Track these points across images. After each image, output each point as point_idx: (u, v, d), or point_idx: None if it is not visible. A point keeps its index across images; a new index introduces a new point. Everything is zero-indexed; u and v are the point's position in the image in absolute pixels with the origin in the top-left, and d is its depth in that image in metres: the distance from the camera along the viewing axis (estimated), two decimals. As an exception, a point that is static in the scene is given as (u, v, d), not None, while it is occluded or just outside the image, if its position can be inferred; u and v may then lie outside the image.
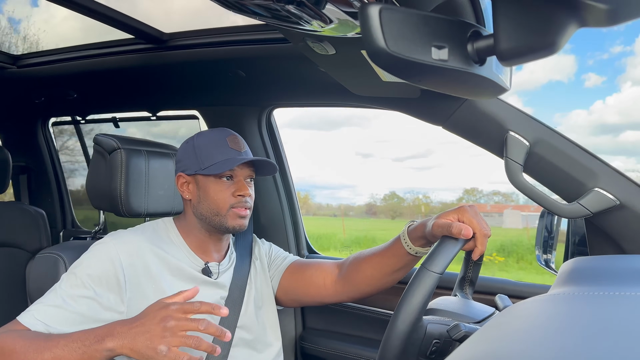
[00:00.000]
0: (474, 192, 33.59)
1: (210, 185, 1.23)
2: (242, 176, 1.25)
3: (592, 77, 45.27)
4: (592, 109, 56.35)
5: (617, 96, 51.40)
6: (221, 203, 1.22)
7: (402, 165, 66.92)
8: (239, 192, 1.23)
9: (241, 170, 1.25)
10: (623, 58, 51.21)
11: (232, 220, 1.23)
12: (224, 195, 1.22)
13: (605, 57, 49.67)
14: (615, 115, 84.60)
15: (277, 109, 1.87)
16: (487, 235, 1.02)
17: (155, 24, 1.49)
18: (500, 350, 0.36)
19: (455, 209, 1.06)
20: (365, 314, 1.70)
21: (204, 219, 1.25)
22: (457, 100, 1.17)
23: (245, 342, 1.26)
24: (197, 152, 1.23)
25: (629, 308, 0.49)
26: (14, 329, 1.05)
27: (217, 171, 1.20)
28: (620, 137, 63.33)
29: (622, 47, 52.03)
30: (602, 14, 0.37)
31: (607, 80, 46.41)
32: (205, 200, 1.23)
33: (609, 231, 1.08)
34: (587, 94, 50.18)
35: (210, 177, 1.22)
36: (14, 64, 1.86)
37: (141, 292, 1.14)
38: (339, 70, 1.09)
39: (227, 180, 1.23)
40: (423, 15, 0.44)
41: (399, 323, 0.88)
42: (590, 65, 48.76)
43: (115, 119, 2.24)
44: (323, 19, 0.66)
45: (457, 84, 0.51)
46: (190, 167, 1.24)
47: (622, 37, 53.06)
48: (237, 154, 1.23)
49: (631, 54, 53.51)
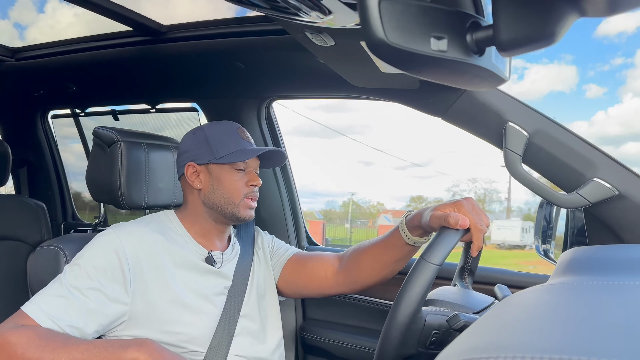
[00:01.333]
0: (419, 200, 36.55)
1: (225, 175, 1.25)
2: (252, 167, 1.29)
3: (593, 88, 45.66)
4: (593, 120, 56.59)
5: (619, 107, 51.54)
6: (235, 192, 1.25)
7: (404, 173, 66.81)
8: (252, 182, 1.27)
9: (252, 161, 1.29)
10: (624, 70, 51.63)
11: (244, 211, 1.26)
12: (239, 185, 1.25)
13: (607, 69, 50.06)
14: (616, 126, 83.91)
15: (277, 114, 1.87)
16: (482, 230, 1.01)
17: (154, 16, 1.49)
18: (500, 340, 0.36)
19: (453, 202, 1.06)
20: (365, 305, 1.71)
21: (215, 208, 1.26)
22: (456, 91, 1.16)
23: (248, 332, 1.27)
24: (211, 142, 1.25)
25: (628, 297, 0.49)
26: (23, 323, 1.04)
27: (234, 160, 1.23)
28: (622, 149, 63.27)
29: (623, 59, 52.36)
30: (601, 4, 0.37)
31: (608, 91, 46.78)
32: (220, 189, 1.25)
33: (608, 221, 1.08)
34: (589, 104, 50.57)
35: (225, 166, 1.25)
36: (12, 57, 1.86)
37: (145, 283, 1.15)
38: (338, 61, 1.09)
39: (240, 171, 1.26)
40: (422, 6, 0.44)
41: (399, 314, 0.88)
42: (592, 76, 49.10)
43: (114, 112, 2.23)
44: (322, 10, 0.66)
45: (456, 75, 0.51)
46: (202, 157, 1.25)
47: (623, 49, 53.29)
48: (248, 144, 1.27)
49: (632, 65, 53.74)
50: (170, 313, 1.15)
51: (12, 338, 1.01)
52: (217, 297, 1.24)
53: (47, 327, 1.04)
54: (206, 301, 1.21)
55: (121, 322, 1.14)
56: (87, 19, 2.45)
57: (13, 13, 20.91)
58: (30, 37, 26.96)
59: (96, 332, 1.11)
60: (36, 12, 31.52)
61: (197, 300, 1.19)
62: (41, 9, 31.94)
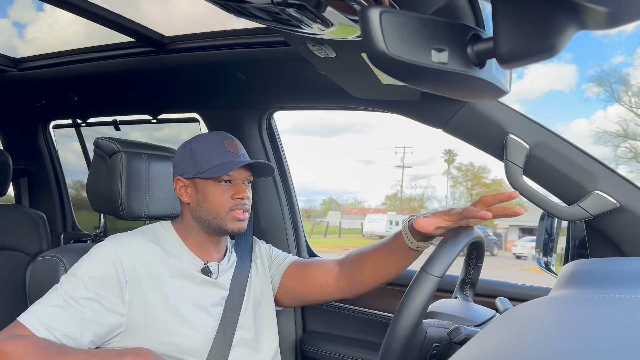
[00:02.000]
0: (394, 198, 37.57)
1: (209, 189, 1.23)
2: (240, 179, 1.26)
3: (593, 87, 45.26)
4: (593, 119, 56.19)
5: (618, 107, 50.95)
6: (220, 206, 1.23)
7: (405, 172, 66.44)
8: (237, 195, 1.23)
9: (239, 173, 1.25)
10: (623, 68, 51.33)
11: (231, 223, 1.24)
12: (223, 198, 1.23)
13: (606, 67, 49.94)
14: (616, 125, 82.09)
15: (277, 113, 1.87)
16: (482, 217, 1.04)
17: (156, 27, 1.50)
18: (501, 353, 0.36)
19: (448, 211, 1.09)
20: (366, 317, 1.70)
21: (203, 222, 1.25)
22: (457, 103, 1.17)
23: (244, 342, 1.26)
24: (195, 156, 1.24)
25: (629, 311, 0.48)
26: (19, 333, 1.04)
27: (216, 174, 1.20)
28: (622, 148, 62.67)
29: (622, 58, 52.17)
30: (602, 17, 0.37)
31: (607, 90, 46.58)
32: (204, 204, 1.23)
33: (609, 234, 1.08)
34: (588, 103, 50.23)
35: (209, 180, 1.23)
36: (15, 67, 1.86)
37: (141, 294, 1.14)
38: (340, 73, 1.09)
39: (226, 183, 1.24)
40: (423, 18, 0.45)
41: (399, 327, 0.88)
42: (591, 75, 48.85)
43: (116, 122, 2.24)
44: (324, 22, 0.66)
45: (457, 87, 0.51)
46: (188, 171, 1.24)
47: (623, 47, 53.10)
48: (234, 156, 1.24)
49: (631, 64, 53.26)
50: (167, 324, 1.14)
51: (8, 348, 1.00)
52: (214, 308, 1.24)
53: (43, 337, 1.04)
54: (203, 312, 1.21)
55: (118, 332, 1.13)
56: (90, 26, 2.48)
57: (12, 12, 21.29)
58: (30, 35, 27.08)
59: (92, 343, 1.10)
60: (35, 10, 32.17)
61: (194, 311, 1.19)
62: (40, 7, 32.55)
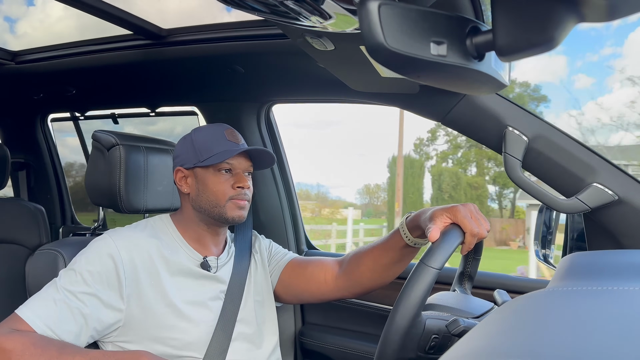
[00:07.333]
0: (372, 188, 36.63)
1: (209, 178, 1.23)
2: (241, 169, 1.26)
3: (582, 79, 44.73)
4: (583, 110, 55.24)
5: (609, 97, 49.89)
6: (220, 195, 1.23)
7: None
8: (238, 184, 1.24)
9: (239, 163, 1.26)
10: (612, 60, 50.52)
11: (231, 211, 1.24)
12: (223, 187, 1.23)
13: (595, 59, 49.17)
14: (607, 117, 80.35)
15: (275, 106, 1.87)
16: (476, 235, 1.00)
17: (154, 19, 1.49)
18: (499, 346, 0.36)
19: (449, 207, 1.04)
20: (365, 309, 1.70)
21: (203, 212, 1.25)
22: (455, 95, 1.17)
23: (244, 336, 1.26)
24: (196, 146, 1.24)
25: (628, 303, 0.49)
26: (18, 327, 1.04)
27: (216, 161, 1.21)
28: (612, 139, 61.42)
29: (612, 49, 51.38)
30: (601, 9, 0.36)
31: (597, 82, 45.77)
32: (205, 193, 1.24)
33: (608, 226, 1.08)
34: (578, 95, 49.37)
35: (209, 169, 1.23)
36: (12, 60, 1.86)
37: (140, 288, 1.14)
38: (338, 66, 1.09)
39: (226, 173, 1.24)
40: (422, 11, 0.44)
41: (398, 318, 0.88)
42: (580, 66, 48.05)
43: (114, 115, 2.23)
44: (322, 14, 0.66)
45: (455, 80, 0.51)
46: (189, 161, 1.25)
47: (612, 39, 52.26)
48: (234, 145, 1.25)
49: (620, 55, 52.53)
50: (166, 319, 1.15)
51: (7, 345, 1.00)
52: (213, 302, 1.24)
53: (41, 333, 1.04)
54: (202, 307, 1.21)
55: (116, 327, 1.13)
56: (78, 12, 2.47)
57: (3, 7, 21.33)
58: (21, 30, 26.88)
59: (91, 337, 1.10)
60: (26, 5, 31.95)
61: (193, 306, 1.19)
62: (31, 2, 32.26)
